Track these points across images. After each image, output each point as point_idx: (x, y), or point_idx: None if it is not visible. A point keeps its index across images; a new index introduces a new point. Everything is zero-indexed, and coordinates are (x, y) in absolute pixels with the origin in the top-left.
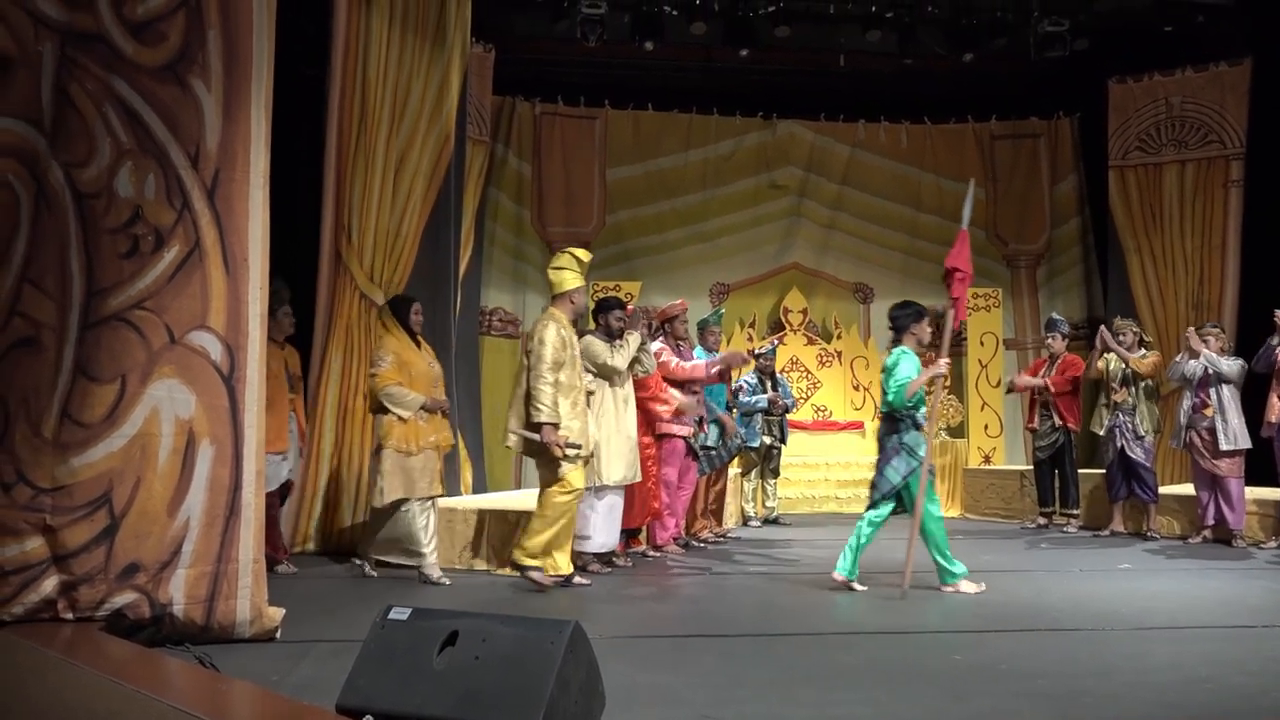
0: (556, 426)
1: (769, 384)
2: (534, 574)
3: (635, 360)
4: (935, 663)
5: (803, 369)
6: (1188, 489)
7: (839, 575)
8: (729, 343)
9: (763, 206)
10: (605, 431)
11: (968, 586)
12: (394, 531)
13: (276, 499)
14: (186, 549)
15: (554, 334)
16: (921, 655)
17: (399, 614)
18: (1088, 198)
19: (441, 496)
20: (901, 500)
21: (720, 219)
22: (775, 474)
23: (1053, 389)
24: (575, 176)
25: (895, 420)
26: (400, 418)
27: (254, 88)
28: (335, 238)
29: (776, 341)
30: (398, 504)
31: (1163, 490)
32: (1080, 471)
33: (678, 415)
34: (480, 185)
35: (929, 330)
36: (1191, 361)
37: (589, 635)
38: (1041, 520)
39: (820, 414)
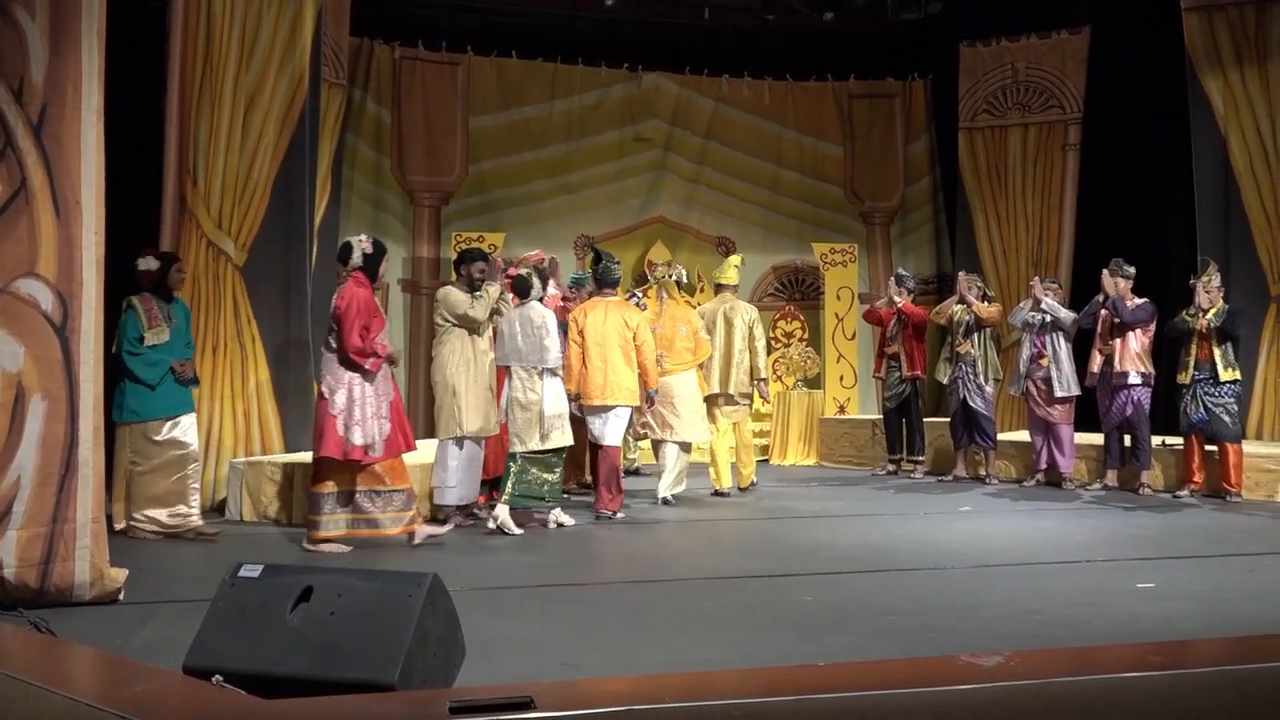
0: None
1: None
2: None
3: (495, 311)
4: (790, 605)
5: None
6: (1023, 435)
7: None
8: None
9: (628, 159)
10: (464, 383)
11: None
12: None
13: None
14: (17, 509)
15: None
16: (777, 598)
17: (250, 571)
18: (938, 158)
19: None
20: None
21: (585, 170)
22: None
23: (907, 312)
24: (436, 124)
25: None
26: None
27: (85, 18)
28: (179, 181)
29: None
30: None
31: (1001, 437)
32: (926, 420)
33: None
34: (337, 131)
35: None
36: (1032, 312)
37: (449, 587)
38: (890, 467)
39: None
